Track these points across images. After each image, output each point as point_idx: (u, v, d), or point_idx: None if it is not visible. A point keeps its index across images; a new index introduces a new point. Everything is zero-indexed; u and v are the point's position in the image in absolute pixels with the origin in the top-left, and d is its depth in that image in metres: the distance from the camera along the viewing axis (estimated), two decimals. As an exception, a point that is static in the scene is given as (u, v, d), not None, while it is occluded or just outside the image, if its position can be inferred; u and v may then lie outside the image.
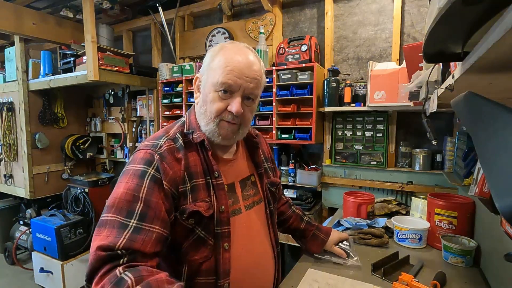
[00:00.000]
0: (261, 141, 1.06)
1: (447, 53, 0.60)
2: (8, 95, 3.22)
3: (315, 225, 1.20)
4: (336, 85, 2.19)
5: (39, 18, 2.95)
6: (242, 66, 0.78)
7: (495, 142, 0.45)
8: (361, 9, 2.27)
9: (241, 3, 2.59)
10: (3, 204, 3.52)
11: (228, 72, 0.76)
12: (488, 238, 1.21)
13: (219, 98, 0.78)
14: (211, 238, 0.79)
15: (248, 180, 0.93)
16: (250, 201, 0.91)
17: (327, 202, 2.42)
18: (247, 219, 0.88)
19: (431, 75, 0.97)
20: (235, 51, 0.80)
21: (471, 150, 1.28)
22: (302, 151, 2.57)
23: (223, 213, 0.81)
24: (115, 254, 0.63)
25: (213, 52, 0.82)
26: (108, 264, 0.62)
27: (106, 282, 0.60)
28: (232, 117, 0.79)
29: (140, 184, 0.72)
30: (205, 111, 0.81)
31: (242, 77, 0.77)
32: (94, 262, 0.63)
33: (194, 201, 0.77)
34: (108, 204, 0.71)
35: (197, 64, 2.69)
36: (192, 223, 0.77)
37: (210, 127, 0.81)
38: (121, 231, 0.66)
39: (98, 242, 0.65)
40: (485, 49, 0.42)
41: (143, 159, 0.76)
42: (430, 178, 2.03)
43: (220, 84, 0.77)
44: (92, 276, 0.63)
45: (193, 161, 0.80)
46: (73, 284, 2.72)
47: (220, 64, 0.77)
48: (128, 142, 3.39)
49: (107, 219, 0.68)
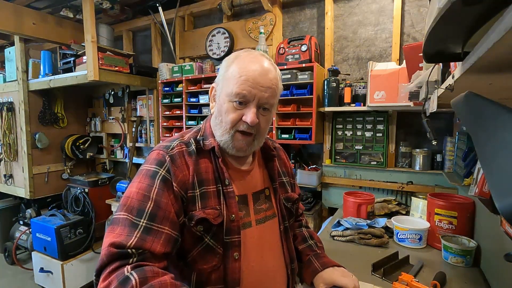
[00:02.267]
0: (280, 154, 1.03)
1: (447, 53, 0.60)
2: (8, 95, 3.22)
3: (316, 251, 1.00)
4: (336, 85, 2.19)
5: (39, 18, 2.95)
6: (256, 75, 0.76)
7: (495, 142, 0.45)
8: (361, 9, 2.27)
9: (241, 3, 2.59)
10: (3, 204, 3.52)
11: (242, 82, 0.75)
12: (488, 238, 1.21)
13: (233, 108, 0.77)
14: (220, 247, 0.77)
15: (262, 193, 0.90)
16: (263, 215, 0.87)
17: (327, 202, 2.42)
18: (258, 233, 0.85)
19: (431, 75, 0.97)
20: (249, 59, 0.78)
21: (471, 150, 1.28)
22: (302, 151, 2.57)
23: (233, 222, 0.78)
24: (126, 252, 0.64)
25: (228, 61, 0.81)
26: (118, 261, 0.63)
27: (113, 279, 0.61)
28: (247, 126, 0.78)
29: (151, 184, 0.73)
30: (220, 122, 0.80)
31: (257, 86, 0.76)
32: (105, 257, 0.64)
33: (203, 208, 0.76)
34: (121, 203, 0.73)
35: (197, 64, 2.69)
36: (200, 231, 0.76)
37: (225, 138, 0.80)
38: (132, 230, 0.67)
39: (111, 239, 0.66)
40: (485, 49, 0.42)
41: (155, 159, 0.77)
42: (430, 178, 2.03)
43: (235, 95, 0.76)
44: (101, 271, 0.64)
45: (204, 168, 0.80)
46: (73, 284, 2.72)
47: (234, 74, 0.77)
48: (128, 142, 3.39)
49: (119, 217, 0.70)
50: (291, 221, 0.99)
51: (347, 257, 1.36)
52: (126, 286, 0.59)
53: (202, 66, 2.71)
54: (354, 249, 1.46)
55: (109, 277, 0.62)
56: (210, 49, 2.79)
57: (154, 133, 3.22)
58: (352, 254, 1.41)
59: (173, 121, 2.89)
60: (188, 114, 2.73)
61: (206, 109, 2.63)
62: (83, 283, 2.81)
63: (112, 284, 0.60)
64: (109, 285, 0.61)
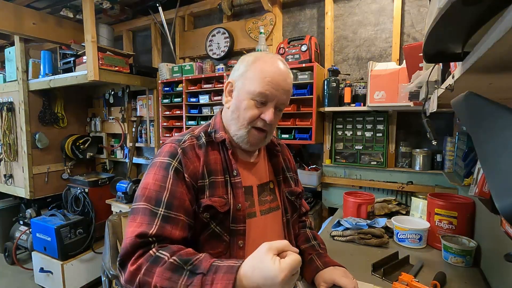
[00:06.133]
0: (284, 151, 1.09)
1: (447, 53, 0.60)
2: (8, 95, 3.22)
3: (318, 250, 1.02)
4: (336, 85, 2.19)
5: (39, 18, 2.95)
6: (279, 78, 0.82)
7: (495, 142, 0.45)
8: (361, 9, 2.27)
9: (241, 3, 2.59)
10: (3, 204, 3.52)
11: (266, 83, 0.81)
12: (488, 238, 1.21)
13: (253, 106, 0.83)
14: (227, 234, 0.82)
15: (266, 185, 0.94)
16: (267, 206, 0.92)
17: (327, 202, 2.42)
18: (262, 223, 0.89)
19: (431, 75, 0.97)
20: (272, 62, 0.84)
21: (471, 150, 1.28)
22: (302, 151, 2.57)
23: (239, 211, 0.83)
24: (148, 241, 0.70)
25: (249, 61, 0.85)
26: (141, 249, 0.69)
27: (143, 262, 0.66)
28: (264, 124, 0.84)
29: (166, 175, 0.77)
30: (238, 117, 0.85)
31: (278, 88, 0.82)
32: (129, 246, 0.68)
33: (211, 196, 0.81)
34: (139, 194, 0.77)
35: (197, 64, 2.69)
36: (207, 217, 0.80)
37: (241, 133, 0.85)
38: (152, 219, 0.72)
39: (135, 229, 0.71)
40: (485, 49, 0.42)
41: (168, 152, 0.81)
42: (430, 178, 2.03)
43: (258, 94, 0.81)
44: (125, 259, 0.68)
45: (213, 159, 0.84)
46: (73, 284, 2.72)
47: (258, 75, 0.82)
48: (128, 142, 3.39)
49: (139, 207, 0.74)
50: (295, 216, 1.04)
51: (347, 257, 1.36)
52: (159, 262, 0.65)
53: (202, 66, 2.71)
54: (354, 249, 1.46)
55: (137, 261, 0.67)
56: (210, 49, 2.79)
57: (154, 133, 3.22)
58: (352, 254, 1.41)
59: (173, 121, 2.89)
60: (188, 114, 2.73)
61: (206, 109, 2.63)
62: (83, 283, 2.81)
63: (143, 265, 0.66)
64: (140, 266, 0.66)
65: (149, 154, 3.45)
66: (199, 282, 0.62)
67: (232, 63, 2.57)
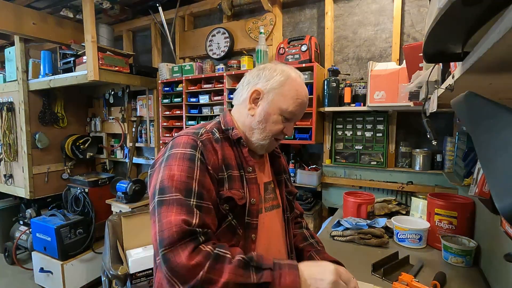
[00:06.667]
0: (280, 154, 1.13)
1: (447, 53, 0.60)
2: (8, 95, 3.22)
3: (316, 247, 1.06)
4: (336, 85, 2.19)
5: (39, 18, 2.95)
6: (305, 100, 0.91)
7: (495, 142, 0.45)
8: (361, 9, 2.27)
9: (241, 3, 2.59)
10: (3, 204, 3.52)
11: (297, 104, 0.88)
12: (488, 238, 1.21)
13: (281, 121, 0.89)
14: (241, 228, 0.84)
15: (269, 184, 0.98)
16: (270, 204, 0.96)
17: (327, 202, 2.42)
18: (268, 219, 0.92)
19: (431, 75, 0.97)
20: (301, 83, 0.91)
21: (471, 150, 1.28)
22: (302, 151, 2.57)
23: (254, 205, 0.86)
24: (195, 230, 0.69)
25: (285, 77, 0.88)
26: (190, 238, 0.67)
27: (202, 260, 0.65)
28: (283, 137, 0.93)
29: (193, 166, 0.77)
30: (264, 128, 0.89)
31: (303, 108, 0.91)
32: (176, 234, 0.66)
33: (230, 189, 0.82)
34: (164, 185, 0.74)
35: (197, 64, 2.69)
36: (226, 209, 0.81)
37: (264, 142, 0.90)
38: (190, 209, 0.71)
39: (177, 217, 0.68)
40: (485, 49, 0.42)
41: (188, 143, 0.80)
42: (430, 178, 2.03)
43: (289, 113, 0.88)
44: (173, 248, 0.66)
45: (228, 154, 0.86)
46: (73, 284, 2.72)
47: (292, 94, 0.87)
48: (128, 142, 3.39)
49: (172, 198, 0.72)
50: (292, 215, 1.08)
51: (347, 257, 1.35)
52: (223, 260, 0.67)
53: (202, 66, 2.71)
54: (354, 249, 1.46)
55: (194, 257, 0.65)
56: (210, 49, 2.79)
57: (154, 133, 3.22)
58: (352, 254, 1.41)
59: (173, 121, 2.89)
60: (188, 114, 2.73)
61: (206, 109, 2.63)
62: (83, 283, 2.81)
63: (204, 263, 0.65)
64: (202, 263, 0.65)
65: (149, 154, 3.45)
66: (270, 276, 0.67)
67: (232, 63, 2.57)
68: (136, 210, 2.19)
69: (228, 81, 2.49)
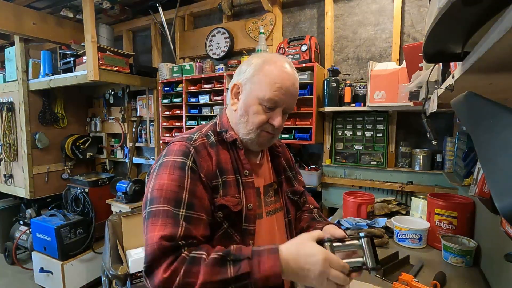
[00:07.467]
0: (285, 151, 1.08)
1: (447, 53, 0.60)
2: (8, 95, 3.22)
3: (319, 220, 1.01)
4: (336, 85, 2.19)
5: (39, 18, 2.95)
6: (288, 84, 0.81)
7: (495, 142, 0.45)
8: (361, 9, 2.27)
9: (241, 3, 2.59)
10: (3, 204, 3.52)
11: (276, 89, 0.80)
12: (488, 238, 1.21)
13: (262, 111, 0.82)
14: (238, 235, 0.81)
15: (270, 186, 0.95)
16: (272, 207, 0.92)
17: (327, 202, 2.42)
18: (268, 224, 0.89)
19: (431, 75, 0.97)
20: (280, 66, 0.82)
21: (471, 150, 1.28)
22: (302, 151, 2.57)
23: (251, 211, 0.83)
24: (177, 245, 0.67)
25: (257, 65, 0.83)
26: (172, 255, 0.66)
27: (178, 266, 0.64)
28: (273, 129, 0.84)
29: (183, 175, 0.75)
30: (246, 121, 0.84)
31: (287, 94, 0.81)
32: (158, 251, 0.65)
33: (224, 195, 0.80)
34: (154, 196, 0.73)
35: (197, 64, 2.69)
36: (220, 217, 0.79)
37: (250, 136, 0.85)
38: (176, 221, 0.69)
39: (160, 232, 0.67)
40: (485, 49, 0.42)
41: (180, 150, 0.78)
42: (430, 178, 2.03)
43: (268, 100, 0.80)
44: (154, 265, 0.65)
45: (224, 158, 0.83)
46: (73, 284, 2.72)
47: (268, 80, 0.80)
48: (128, 142, 3.39)
49: (158, 210, 0.71)
50: (298, 214, 1.03)
51: (347, 257, 1.36)
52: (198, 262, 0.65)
53: (202, 66, 2.71)
54: (354, 249, 1.46)
55: (170, 267, 0.64)
56: (210, 49, 2.79)
57: (154, 133, 3.22)
58: (352, 254, 1.41)
59: (173, 121, 2.89)
60: (188, 114, 2.73)
61: (206, 109, 2.63)
62: (83, 283, 2.81)
63: (179, 269, 0.64)
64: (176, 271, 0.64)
65: (149, 154, 3.46)
66: (247, 266, 0.64)
67: (232, 63, 2.57)
68: (136, 210, 2.19)
69: (228, 81, 2.49)
